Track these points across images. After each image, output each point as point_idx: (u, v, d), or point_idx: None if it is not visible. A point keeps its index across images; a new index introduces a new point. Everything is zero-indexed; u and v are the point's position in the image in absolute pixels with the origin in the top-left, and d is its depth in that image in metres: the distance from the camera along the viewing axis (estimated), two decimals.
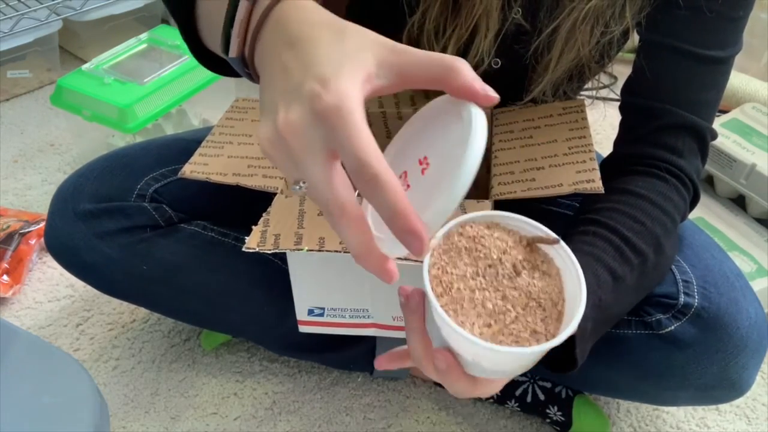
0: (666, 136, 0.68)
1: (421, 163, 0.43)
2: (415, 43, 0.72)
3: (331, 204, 0.39)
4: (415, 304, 0.49)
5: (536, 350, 0.44)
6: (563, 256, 0.47)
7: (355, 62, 0.39)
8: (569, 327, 0.44)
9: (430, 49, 0.69)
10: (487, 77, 0.75)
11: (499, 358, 0.45)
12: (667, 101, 0.68)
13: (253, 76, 0.47)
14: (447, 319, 0.44)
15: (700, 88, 0.69)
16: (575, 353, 0.58)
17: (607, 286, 0.60)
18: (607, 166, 0.72)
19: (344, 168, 0.39)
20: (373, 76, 0.40)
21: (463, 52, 0.71)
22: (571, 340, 0.57)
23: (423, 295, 0.48)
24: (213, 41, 0.53)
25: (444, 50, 0.70)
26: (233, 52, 0.46)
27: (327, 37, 0.41)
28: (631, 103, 0.72)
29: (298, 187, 0.40)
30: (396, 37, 0.71)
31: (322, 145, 0.38)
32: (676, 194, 0.67)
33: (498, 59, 0.74)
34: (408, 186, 0.44)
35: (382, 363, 0.56)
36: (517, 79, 0.76)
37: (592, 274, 0.59)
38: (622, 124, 0.73)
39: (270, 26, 0.44)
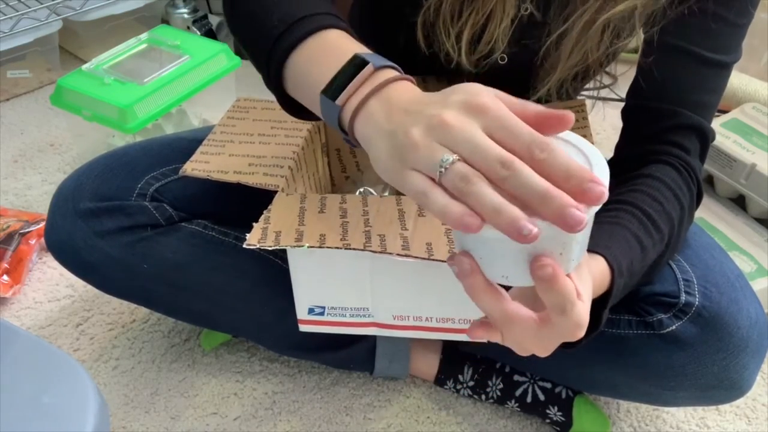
0: (675, 136, 0.70)
1: None
2: (431, 27, 0.72)
3: (504, 156, 0.41)
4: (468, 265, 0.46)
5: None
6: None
7: None
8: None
9: (444, 33, 0.71)
10: (493, 73, 0.75)
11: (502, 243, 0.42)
12: (675, 102, 0.69)
13: (346, 129, 0.52)
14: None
15: (706, 91, 0.70)
16: (602, 313, 0.58)
17: (636, 253, 0.61)
18: (614, 165, 0.72)
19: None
20: None
21: (477, 38, 0.71)
22: (601, 300, 0.58)
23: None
24: (305, 90, 0.59)
25: (459, 35, 0.70)
26: (341, 100, 0.52)
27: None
28: (637, 105, 0.72)
29: (448, 158, 0.42)
30: (412, 20, 0.72)
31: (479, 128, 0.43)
32: (686, 186, 0.68)
33: (504, 55, 0.74)
34: None
35: (476, 332, 0.52)
36: (522, 77, 0.76)
37: (623, 239, 0.60)
38: (626, 127, 0.74)
39: (391, 94, 0.50)
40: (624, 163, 0.71)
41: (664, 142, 0.70)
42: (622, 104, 0.74)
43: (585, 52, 0.69)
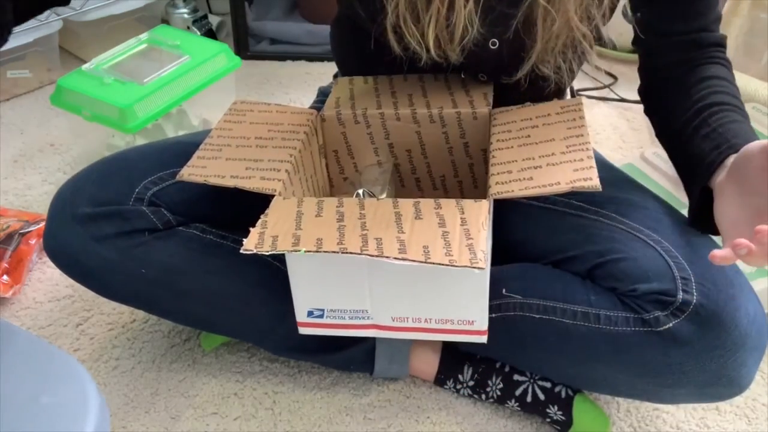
0: (705, 49, 0.78)
1: None
2: (396, 26, 0.72)
3: None
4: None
5: None
6: None
7: None
8: None
9: (407, 31, 0.72)
10: (487, 58, 0.75)
11: None
12: (694, 29, 0.78)
13: None
14: None
15: (712, 7, 0.78)
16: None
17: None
18: (647, 88, 0.82)
19: None
20: None
21: (446, 25, 0.71)
22: None
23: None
24: None
25: (427, 27, 0.70)
26: None
27: None
28: (658, 39, 0.79)
29: None
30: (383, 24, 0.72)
31: None
32: (731, 76, 0.78)
33: (496, 40, 0.74)
34: None
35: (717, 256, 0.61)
36: (518, 58, 0.75)
37: (751, 133, 0.69)
38: (652, 55, 0.81)
39: None
40: (667, 83, 0.79)
41: (700, 55, 0.78)
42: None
43: (566, 17, 0.70)
